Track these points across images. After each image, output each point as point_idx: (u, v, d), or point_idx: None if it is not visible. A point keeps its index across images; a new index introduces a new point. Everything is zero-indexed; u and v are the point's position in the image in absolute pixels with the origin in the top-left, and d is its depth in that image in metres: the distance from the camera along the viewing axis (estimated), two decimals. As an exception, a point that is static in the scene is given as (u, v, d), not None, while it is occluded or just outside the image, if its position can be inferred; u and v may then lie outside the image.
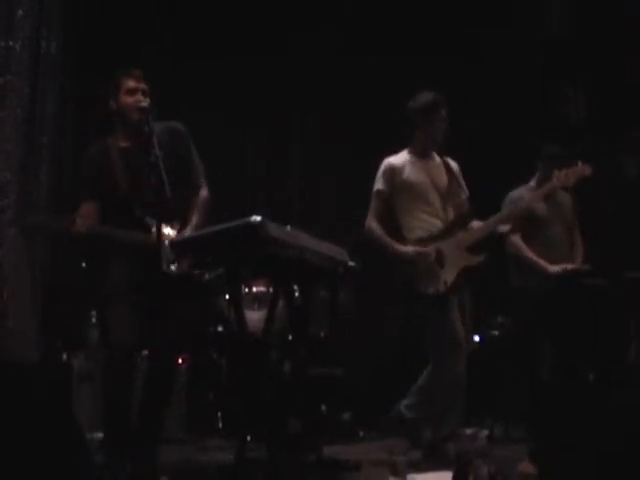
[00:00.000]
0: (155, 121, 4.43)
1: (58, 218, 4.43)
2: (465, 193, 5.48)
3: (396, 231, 5.38)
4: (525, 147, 6.59)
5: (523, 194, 6.04)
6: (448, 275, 5.19)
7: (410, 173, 5.34)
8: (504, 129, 7.50)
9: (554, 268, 5.80)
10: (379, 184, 5.38)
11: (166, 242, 4.29)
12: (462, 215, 5.39)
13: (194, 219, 4.56)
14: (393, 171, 5.36)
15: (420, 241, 5.27)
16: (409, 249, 5.23)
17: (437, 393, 5.18)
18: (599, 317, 5.71)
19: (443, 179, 5.41)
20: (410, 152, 5.44)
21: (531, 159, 6.15)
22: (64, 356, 5.70)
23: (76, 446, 3.58)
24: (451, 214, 5.38)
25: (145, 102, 4.44)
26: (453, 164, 5.52)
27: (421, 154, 5.42)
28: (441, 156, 5.49)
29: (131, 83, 4.52)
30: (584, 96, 7.66)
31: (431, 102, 5.34)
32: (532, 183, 6.14)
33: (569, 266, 5.86)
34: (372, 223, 5.36)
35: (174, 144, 4.58)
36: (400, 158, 5.42)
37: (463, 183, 5.52)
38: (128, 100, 4.50)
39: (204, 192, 4.71)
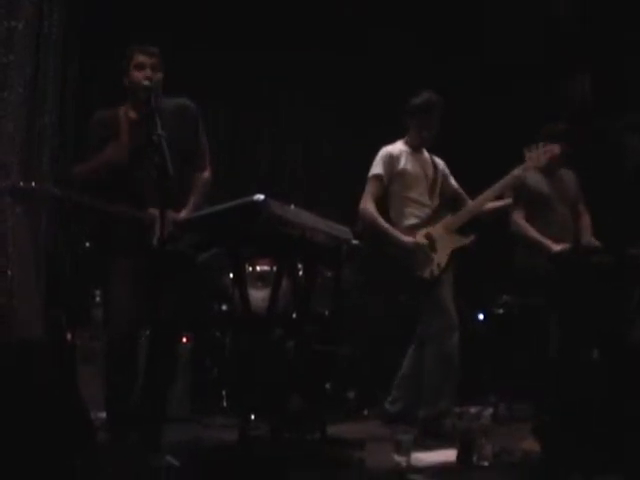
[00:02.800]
0: (166, 97, 4.44)
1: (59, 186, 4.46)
2: (454, 185, 5.80)
3: (384, 215, 5.59)
4: (529, 130, 6.56)
5: (525, 174, 6.03)
6: (441, 258, 5.48)
7: (406, 163, 5.60)
8: (507, 112, 7.48)
9: (558, 247, 5.79)
10: (378, 169, 5.60)
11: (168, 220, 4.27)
12: (449, 200, 5.70)
13: (193, 199, 4.56)
14: (392, 158, 5.60)
15: (411, 228, 5.52)
16: (409, 240, 5.43)
17: (430, 371, 5.35)
18: (603, 294, 5.70)
19: (431, 172, 5.70)
20: (405, 143, 5.71)
21: (533, 140, 6.13)
22: (68, 336, 5.71)
23: (81, 425, 3.60)
24: (437, 202, 5.67)
25: (148, 80, 4.44)
26: (439, 162, 5.81)
27: (414, 147, 5.68)
28: (429, 153, 5.79)
29: (141, 58, 4.52)
30: (589, 77, 7.63)
31: (431, 102, 5.59)
32: (533, 165, 6.12)
33: (570, 245, 5.87)
34: (369, 205, 5.54)
35: (184, 122, 4.58)
36: (396, 148, 5.68)
37: (452, 179, 5.81)
38: (137, 75, 4.50)
39: (206, 174, 4.73)
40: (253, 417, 4.94)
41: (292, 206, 4.42)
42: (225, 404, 6.19)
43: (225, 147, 7.48)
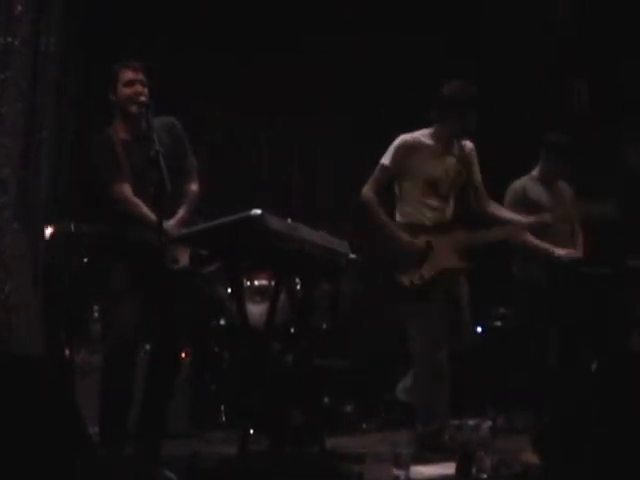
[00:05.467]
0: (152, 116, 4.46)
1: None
2: (478, 179, 5.40)
3: (387, 208, 5.30)
4: (526, 135, 6.57)
5: (525, 184, 6.05)
6: (426, 271, 5.15)
7: (423, 158, 5.21)
8: (505, 117, 7.47)
9: (560, 251, 5.80)
10: (387, 159, 5.25)
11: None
12: (465, 215, 5.36)
13: (181, 212, 4.58)
14: (406, 150, 5.22)
15: (411, 226, 5.22)
16: (405, 237, 5.16)
17: (422, 387, 5.20)
18: (602, 306, 5.70)
19: (454, 169, 5.28)
20: (431, 135, 5.29)
21: (532, 148, 6.14)
22: (67, 351, 5.71)
23: (79, 440, 3.59)
24: (451, 206, 5.31)
25: (144, 96, 4.47)
26: (468, 148, 5.37)
27: (443, 139, 5.27)
28: (458, 140, 5.35)
29: (129, 74, 4.56)
30: (586, 83, 7.64)
31: (466, 93, 5.23)
32: (534, 172, 6.14)
33: (574, 251, 5.88)
34: (370, 193, 5.24)
35: (171, 140, 4.61)
36: (417, 139, 5.27)
37: (477, 166, 5.40)
38: (127, 92, 4.53)
39: (194, 186, 4.76)
40: (252, 431, 4.93)
41: (289, 220, 4.42)
42: (224, 418, 6.19)
43: (221, 151, 7.49)
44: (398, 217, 5.32)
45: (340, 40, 7.62)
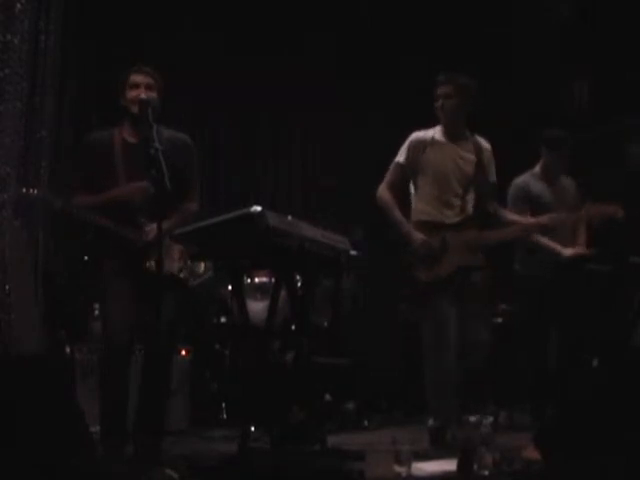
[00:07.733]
0: (165, 128, 4.51)
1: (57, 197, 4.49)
2: (492, 179, 5.35)
3: (404, 206, 5.25)
4: (526, 135, 6.57)
5: (528, 181, 6.04)
6: (442, 268, 5.10)
7: (435, 154, 5.19)
8: (505, 117, 7.48)
9: (568, 251, 5.79)
10: (401, 157, 5.24)
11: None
12: (480, 213, 5.28)
13: (172, 219, 4.47)
14: (417, 146, 5.21)
15: (426, 224, 5.17)
16: (418, 237, 5.11)
17: (429, 384, 5.14)
18: (603, 302, 5.70)
19: (468, 165, 5.24)
20: (441, 130, 5.27)
21: (532, 147, 6.14)
22: (67, 349, 5.71)
23: (79, 440, 3.58)
24: (470, 203, 5.24)
25: (144, 95, 4.46)
26: (485, 146, 5.34)
27: (449, 134, 5.24)
28: (473, 136, 5.32)
29: (137, 78, 4.57)
30: (586, 83, 7.65)
31: (436, 81, 5.20)
32: (537, 169, 6.13)
33: (581, 249, 5.87)
34: (384, 192, 5.25)
35: (177, 156, 4.55)
36: (428, 134, 5.25)
37: (493, 167, 5.36)
38: (131, 94, 4.53)
39: (193, 205, 4.74)
40: (253, 429, 4.92)
41: (289, 217, 4.41)
42: (225, 416, 6.19)
43: (221, 151, 7.50)
44: (414, 215, 5.28)
45: (340, 40, 7.64)
